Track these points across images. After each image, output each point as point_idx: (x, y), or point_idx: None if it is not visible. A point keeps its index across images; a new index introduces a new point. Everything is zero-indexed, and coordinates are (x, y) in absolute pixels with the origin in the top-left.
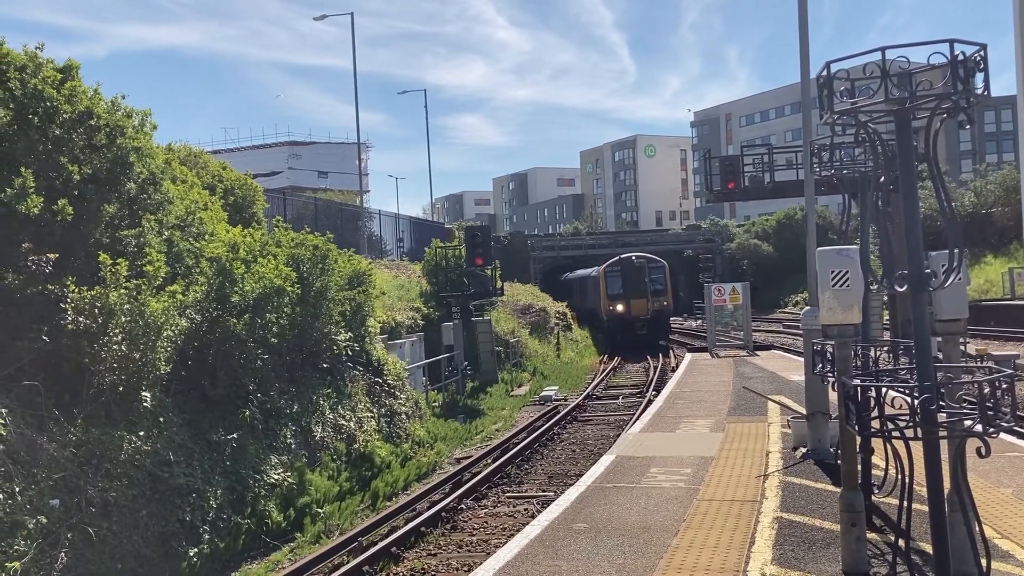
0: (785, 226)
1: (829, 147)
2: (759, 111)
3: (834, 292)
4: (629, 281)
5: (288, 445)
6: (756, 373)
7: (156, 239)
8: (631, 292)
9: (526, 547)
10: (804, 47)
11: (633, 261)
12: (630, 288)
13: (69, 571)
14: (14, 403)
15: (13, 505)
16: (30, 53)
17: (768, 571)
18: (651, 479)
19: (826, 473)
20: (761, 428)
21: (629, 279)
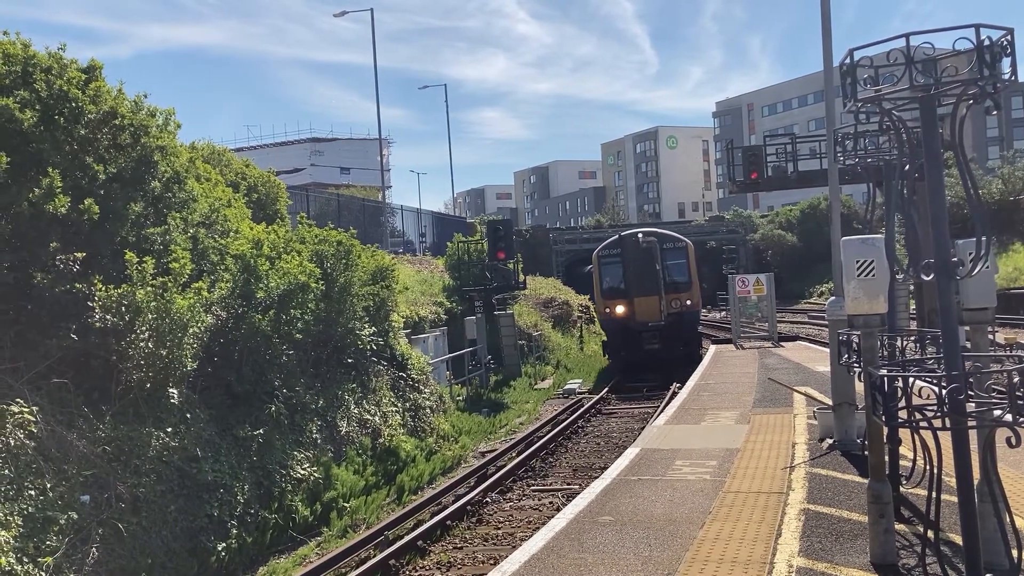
0: (809, 216)
1: (853, 135)
2: (782, 100)
3: (859, 282)
4: (633, 270)
5: (314, 440)
6: (781, 364)
7: (181, 237)
8: (636, 286)
9: (551, 540)
10: (827, 35)
11: (639, 241)
12: (635, 280)
13: (100, 566)
14: (44, 400)
15: (45, 501)
16: (54, 54)
17: (795, 563)
18: (676, 471)
19: (853, 464)
20: (787, 419)
21: (633, 267)
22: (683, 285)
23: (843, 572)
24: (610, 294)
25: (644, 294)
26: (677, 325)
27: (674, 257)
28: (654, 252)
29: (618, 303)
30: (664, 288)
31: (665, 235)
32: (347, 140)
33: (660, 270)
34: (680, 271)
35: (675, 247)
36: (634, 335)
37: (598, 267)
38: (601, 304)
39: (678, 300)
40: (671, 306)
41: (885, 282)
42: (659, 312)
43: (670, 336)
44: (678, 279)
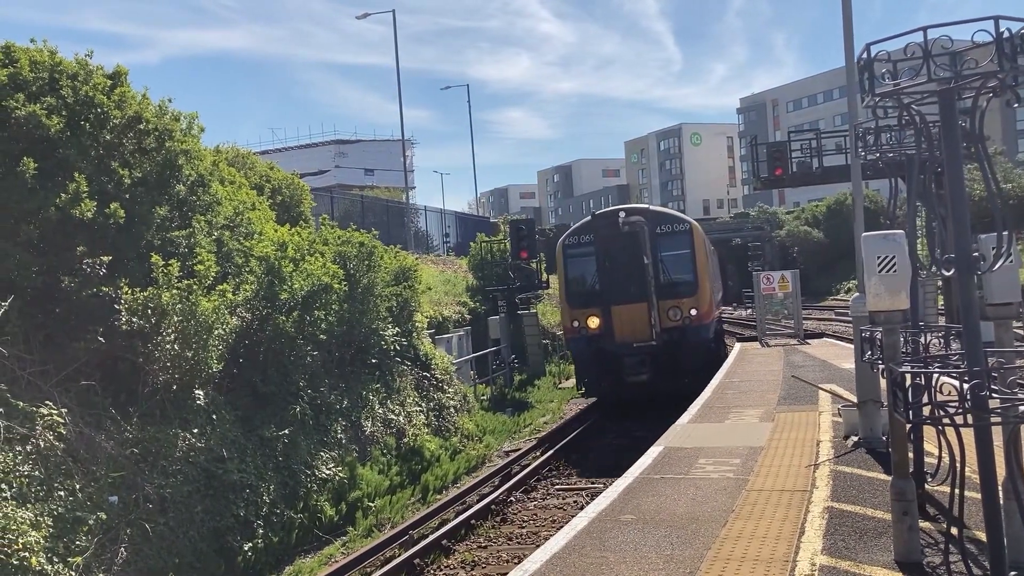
0: (836, 212)
1: (874, 130)
2: (807, 96)
3: (880, 278)
4: (611, 265)
5: (338, 440)
6: (806, 362)
7: (206, 239)
8: (615, 289)
9: (573, 539)
10: (848, 28)
11: (619, 222)
12: (612, 280)
13: (129, 566)
14: (73, 403)
15: (74, 502)
16: (81, 61)
17: (818, 561)
18: (699, 470)
19: (878, 461)
20: (811, 417)
21: (611, 261)
22: (685, 286)
23: (867, 570)
24: (578, 301)
25: (626, 300)
26: (676, 346)
27: (672, 245)
28: (640, 239)
29: (589, 314)
30: (657, 291)
31: (659, 214)
32: (371, 142)
33: (650, 265)
34: (681, 265)
35: (673, 231)
36: (612, 362)
37: (562, 262)
38: (567, 316)
39: (678, 308)
40: (668, 317)
41: (907, 278)
42: (648, 327)
43: (666, 362)
44: (678, 277)
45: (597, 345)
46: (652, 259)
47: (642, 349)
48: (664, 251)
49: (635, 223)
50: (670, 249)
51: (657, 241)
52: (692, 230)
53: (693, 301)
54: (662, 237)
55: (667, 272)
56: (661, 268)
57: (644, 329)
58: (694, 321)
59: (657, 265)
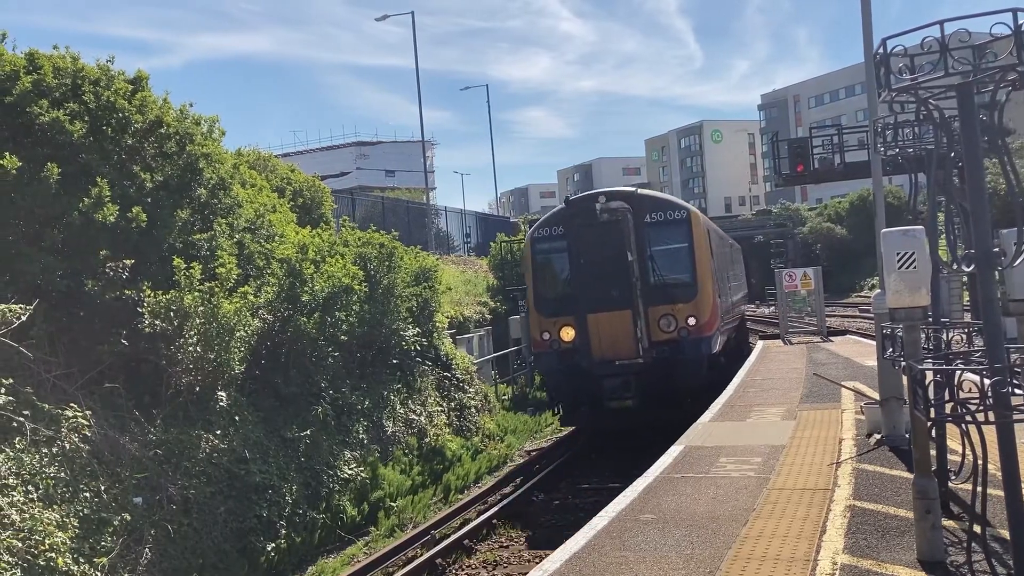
0: (859, 208)
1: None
2: (828, 91)
3: (900, 274)
4: (586, 264)
5: (360, 440)
6: (829, 359)
7: (227, 242)
8: (592, 294)
9: (593, 538)
10: (867, 22)
11: (596, 209)
12: (589, 283)
13: (153, 567)
14: (97, 405)
15: (99, 503)
16: (103, 66)
17: (840, 560)
18: (720, 469)
19: (901, 460)
20: (834, 415)
21: (586, 259)
22: (681, 288)
23: (889, 569)
24: (549, 307)
25: (606, 307)
26: (669, 364)
27: (665, 237)
28: (623, 230)
29: (562, 324)
30: (645, 295)
31: (647, 199)
32: (391, 143)
33: (635, 262)
34: (676, 262)
35: (666, 220)
36: (589, 383)
37: (530, 260)
38: (536, 325)
39: (672, 317)
40: (659, 328)
41: (927, 274)
42: (633, 341)
43: (657, 384)
44: (672, 277)
45: (571, 362)
46: (639, 255)
47: (626, 368)
48: (655, 245)
49: (616, 210)
50: (662, 242)
51: (645, 232)
52: (691, 218)
53: (691, 307)
54: (652, 227)
55: (658, 271)
56: (651, 266)
57: (628, 343)
58: (692, 333)
59: (645, 262)
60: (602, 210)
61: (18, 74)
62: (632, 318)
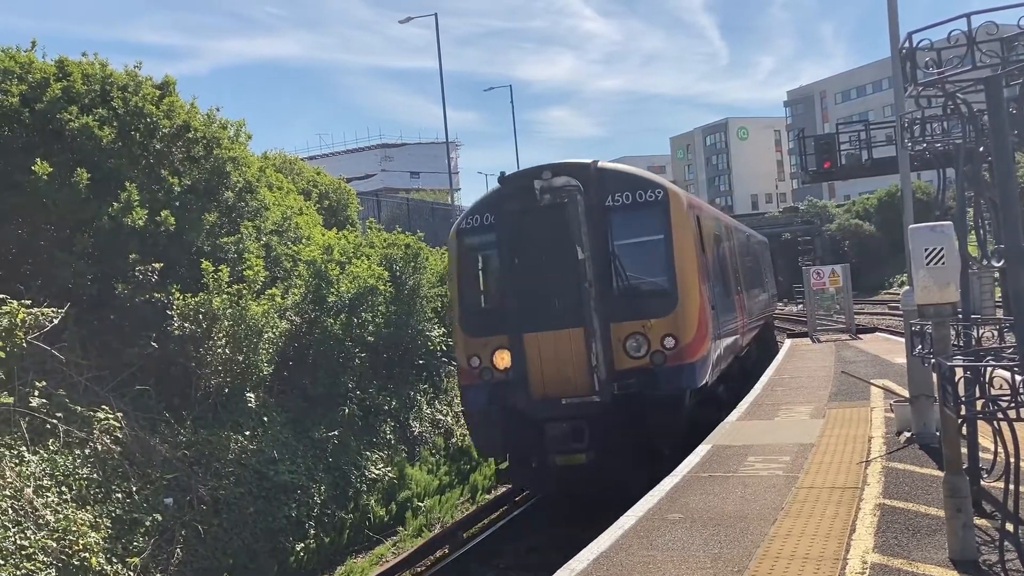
0: (887, 204)
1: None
2: (855, 87)
3: (928, 270)
4: (523, 265)
5: (387, 440)
6: (858, 357)
7: (254, 245)
8: (528, 307)
9: (620, 537)
10: (893, 16)
11: (534, 189)
12: (525, 291)
13: (184, 566)
14: (128, 407)
15: (131, 504)
16: (131, 72)
17: (870, 559)
18: (748, 468)
19: (931, 458)
20: (863, 413)
21: (523, 259)
22: (655, 297)
23: (920, 568)
24: (477, 324)
25: (548, 324)
26: (640, 403)
27: (633, 227)
28: (572, 217)
29: (495, 347)
30: (604, 307)
31: (608, 174)
32: (416, 144)
33: (587, 260)
34: (649, 260)
35: (637, 202)
36: (527, 431)
37: (456, 260)
38: (461, 349)
39: (641, 336)
40: (626, 351)
41: (956, 270)
42: (587, 370)
43: (621, 431)
44: (643, 282)
45: (503, 400)
46: (595, 251)
47: (576, 409)
48: (620, 237)
49: (562, 190)
50: (630, 233)
51: (607, 220)
52: (669, 200)
53: (670, 323)
54: (616, 213)
55: (624, 273)
56: (614, 267)
57: (579, 374)
58: (671, 358)
59: (606, 261)
60: (543, 190)
61: (48, 81)
62: (585, 339)
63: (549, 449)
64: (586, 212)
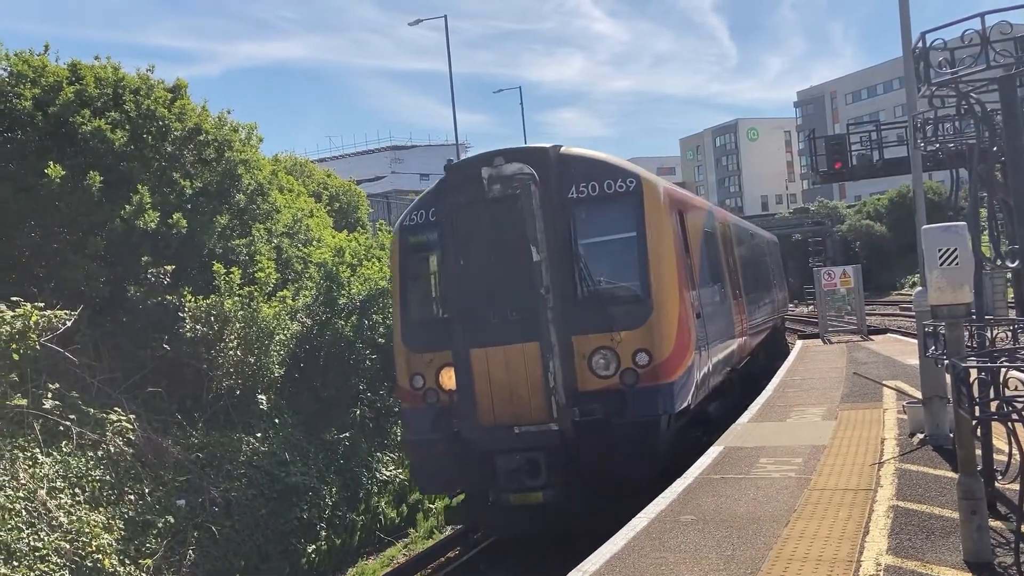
0: (899, 205)
1: (933, 120)
2: (866, 87)
3: (942, 271)
4: (469, 268)
5: (398, 442)
6: (870, 358)
7: (266, 247)
8: (477, 318)
9: (632, 539)
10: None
11: (483, 179)
12: (473, 298)
13: (197, 567)
14: (140, 408)
15: (144, 506)
16: (143, 76)
17: (883, 561)
18: (760, 469)
19: (945, 459)
20: (876, 414)
21: (469, 260)
22: (628, 305)
23: (935, 570)
24: (420, 338)
25: (498, 338)
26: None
27: (601, 223)
28: (526, 211)
29: (441, 364)
30: (565, 317)
31: (575, 161)
32: (426, 147)
33: (543, 263)
34: (619, 263)
35: (605, 194)
36: (475, 464)
37: (397, 261)
38: (402, 366)
39: (610, 352)
40: (591, 370)
41: (970, 270)
42: (543, 393)
43: (585, 465)
44: (612, 288)
45: (447, 429)
46: (554, 251)
47: (531, 438)
48: (585, 235)
49: (514, 179)
50: (596, 230)
51: (569, 214)
52: (642, 190)
53: (643, 335)
54: (580, 207)
55: (588, 277)
56: (579, 270)
57: (534, 396)
58: (645, 377)
59: (568, 264)
60: (492, 179)
61: (61, 85)
62: (541, 355)
63: (500, 486)
64: (544, 205)
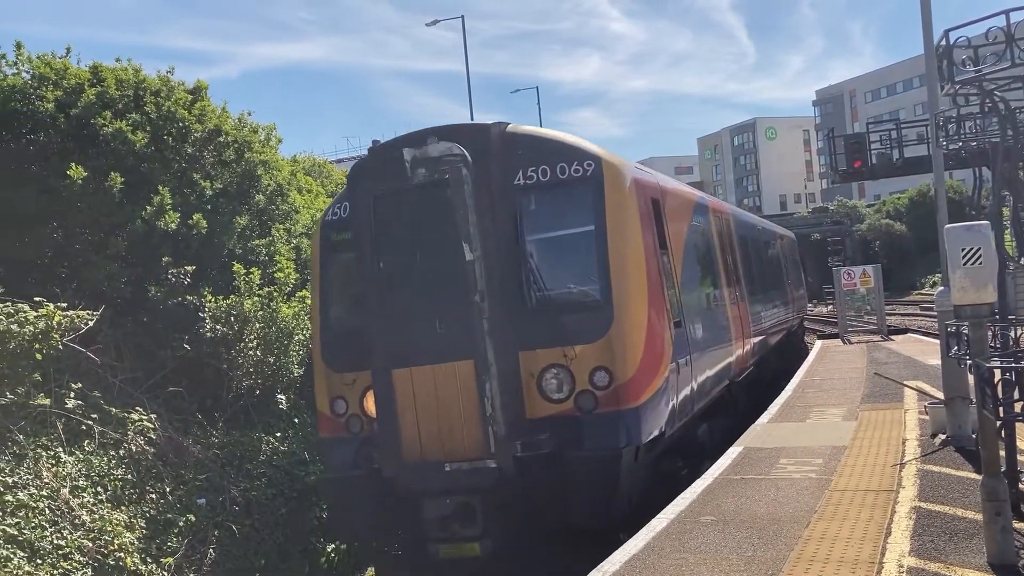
0: (919, 204)
1: (956, 119)
2: (885, 85)
3: (965, 270)
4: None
5: None
6: (890, 358)
7: (285, 247)
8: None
9: (652, 540)
10: (926, 13)
11: (404, 163)
12: (394, 307)
13: (217, 566)
14: (161, 408)
15: (165, 505)
16: (163, 77)
17: (906, 563)
18: (780, 470)
19: (968, 460)
20: (897, 415)
21: (389, 261)
22: (584, 313)
23: (958, 573)
24: (342, 356)
25: (424, 356)
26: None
27: (554, 216)
28: (458, 201)
29: (363, 385)
30: (503, 330)
31: (520, 140)
32: None
33: (478, 262)
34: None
35: (556, 180)
36: (398, 509)
37: (318, 264)
38: (323, 386)
39: (564, 369)
40: (541, 392)
41: (993, 270)
42: (479, 422)
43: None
44: (565, 291)
45: (371, 463)
46: (500, 249)
47: (466, 478)
48: (534, 230)
49: (441, 163)
50: (548, 224)
51: (515, 205)
52: (603, 175)
53: (601, 350)
54: (529, 195)
55: (538, 281)
56: (527, 272)
57: (469, 426)
58: (605, 401)
59: (517, 264)
60: (416, 162)
61: (83, 87)
62: (476, 376)
63: (428, 535)
64: (482, 193)
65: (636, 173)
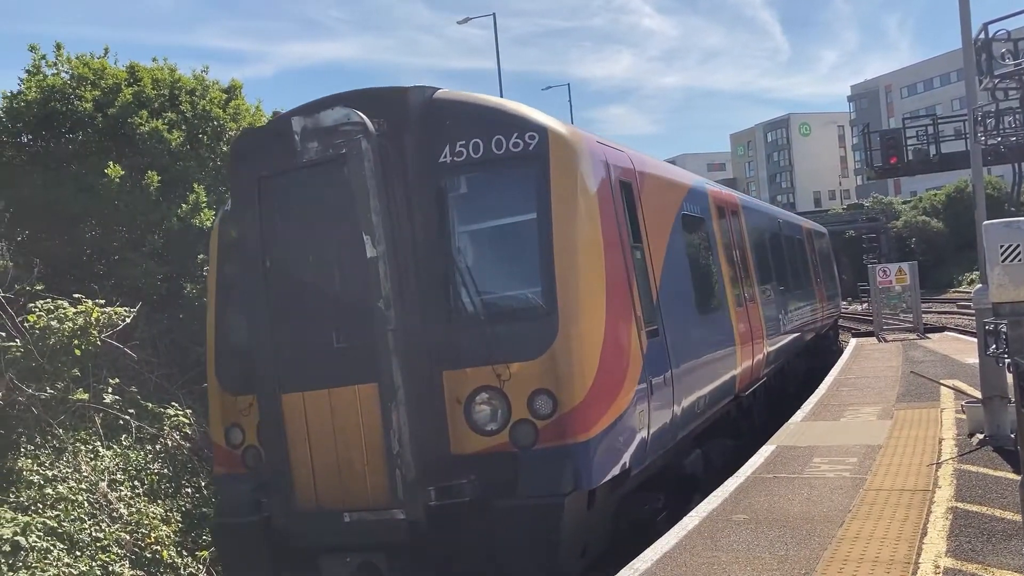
0: (956, 200)
1: (995, 114)
2: (922, 80)
3: (1004, 267)
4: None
5: None
6: (926, 357)
7: None
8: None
9: (684, 538)
10: (964, 6)
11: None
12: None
13: None
14: (196, 403)
15: (200, 499)
16: (198, 76)
17: (942, 564)
18: (814, 469)
19: (1006, 460)
20: (933, 414)
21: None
22: (523, 321)
23: (995, 574)
24: (237, 376)
25: (323, 379)
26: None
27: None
28: (357, 182)
29: (250, 413)
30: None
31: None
32: None
33: (383, 260)
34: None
35: (493, 156)
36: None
37: (215, 265)
38: (217, 412)
39: (498, 392)
40: (469, 421)
41: None
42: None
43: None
44: (500, 296)
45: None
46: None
47: (369, 531)
48: (464, 219)
49: (336, 134)
50: (480, 212)
51: (440, 188)
52: (549, 149)
53: (543, 368)
54: (457, 176)
55: (467, 283)
56: (454, 271)
57: (373, 466)
58: (547, 434)
59: (440, 262)
60: (306, 134)
61: (120, 87)
62: (381, 403)
63: None
64: (393, 172)
65: (597, 148)
